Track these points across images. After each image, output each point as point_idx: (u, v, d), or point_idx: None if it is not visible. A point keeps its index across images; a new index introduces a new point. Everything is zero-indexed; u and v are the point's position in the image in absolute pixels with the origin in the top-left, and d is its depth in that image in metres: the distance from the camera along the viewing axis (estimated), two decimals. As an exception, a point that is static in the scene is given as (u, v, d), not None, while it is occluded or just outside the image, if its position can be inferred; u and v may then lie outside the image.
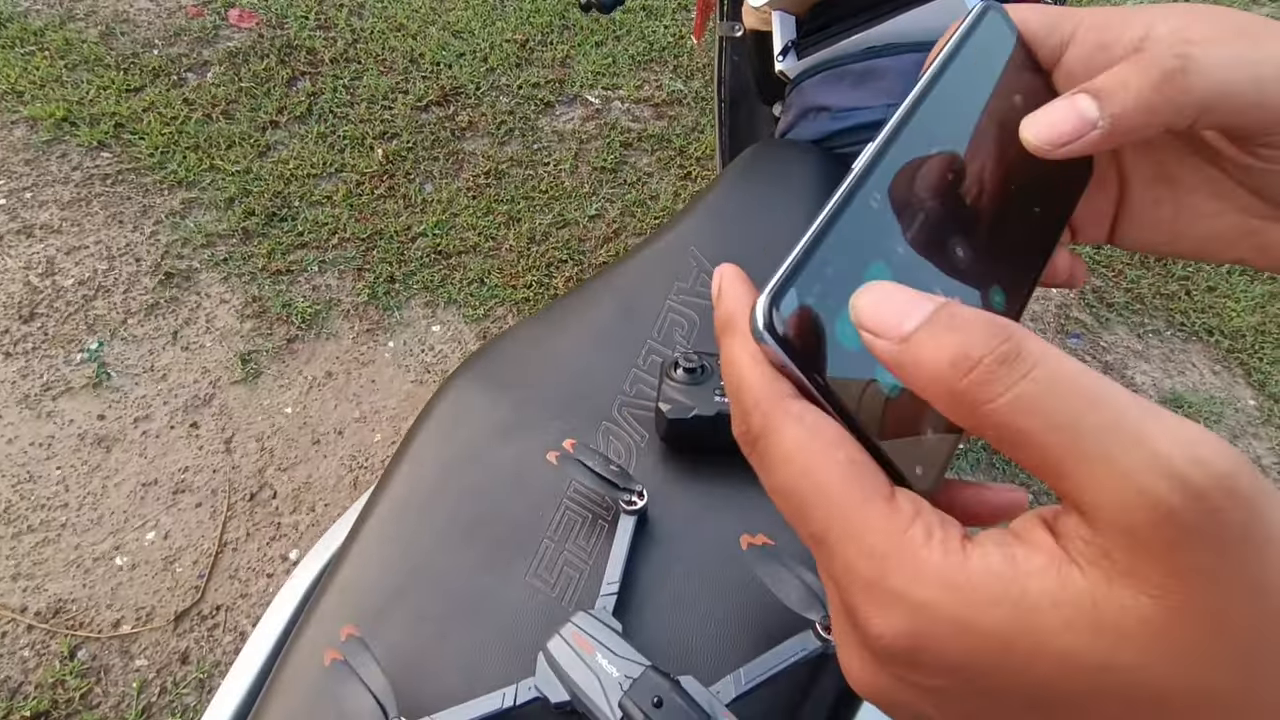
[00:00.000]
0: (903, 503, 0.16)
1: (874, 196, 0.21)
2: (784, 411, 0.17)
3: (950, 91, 0.23)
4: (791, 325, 0.18)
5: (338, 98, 1.82)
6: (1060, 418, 0.14)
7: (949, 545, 0.15)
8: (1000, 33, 0.24)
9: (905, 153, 0.22)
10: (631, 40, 2.09)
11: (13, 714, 1.05)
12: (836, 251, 0.19)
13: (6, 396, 1.32)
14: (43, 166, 1.61)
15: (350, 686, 0.37)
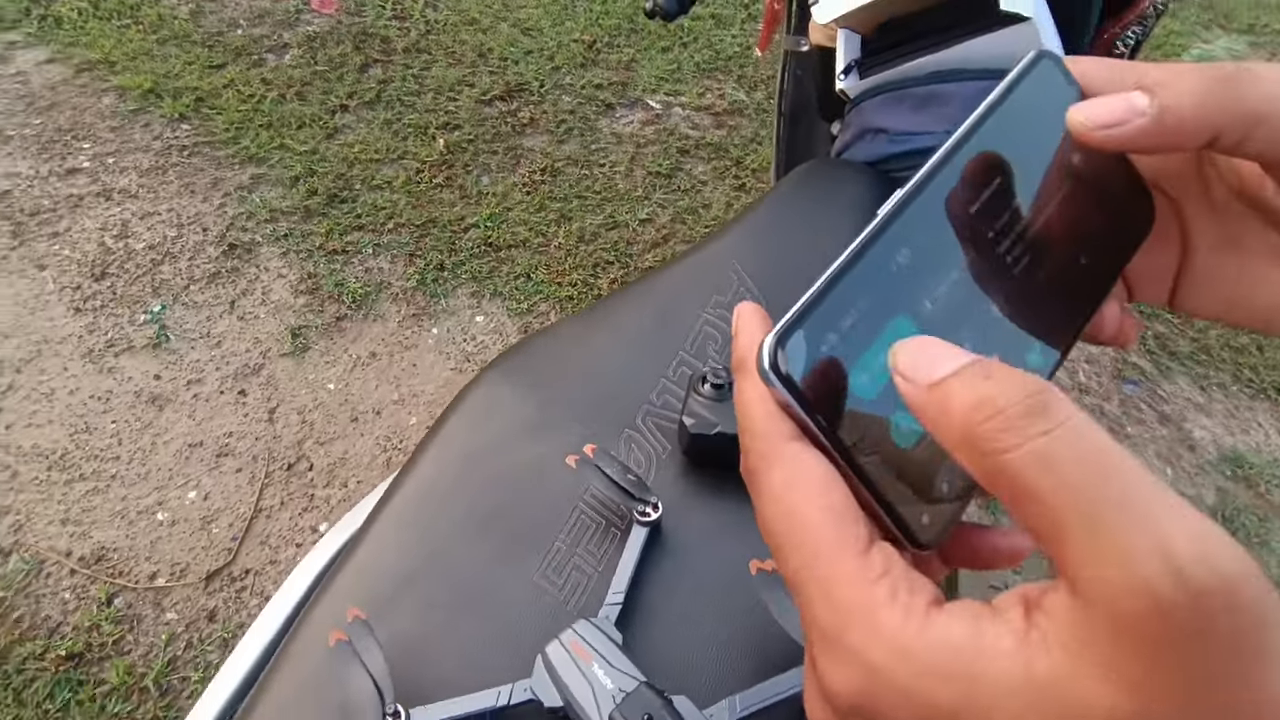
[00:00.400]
0: (875, 558, 0.16)
1: (903, 244, 0.20)
2: (779, 451, 0.18)
3: (996, 138, 0.22)
4: (798, 368, 0.18)
5: (406, 86, 1.86)
6: (1075, 481, 0.14)
7: (912, 609, 0.15)
8: (1055, 83, 0.23)
9: (940, 199, 0.21)
10: (698, 48, 2.09)
11: (50, 651, 1.11)
12: (856, 299, 0.19)
13: (73, 350, 1.39)
14: (127, 134, 1.70)
15: (352, 669, 0.37)
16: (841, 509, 0.17)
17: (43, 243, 1.51)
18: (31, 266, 1.48)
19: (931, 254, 0.21)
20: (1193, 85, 0.20)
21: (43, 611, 1.14)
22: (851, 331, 0.19)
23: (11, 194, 1.58)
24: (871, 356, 0.19)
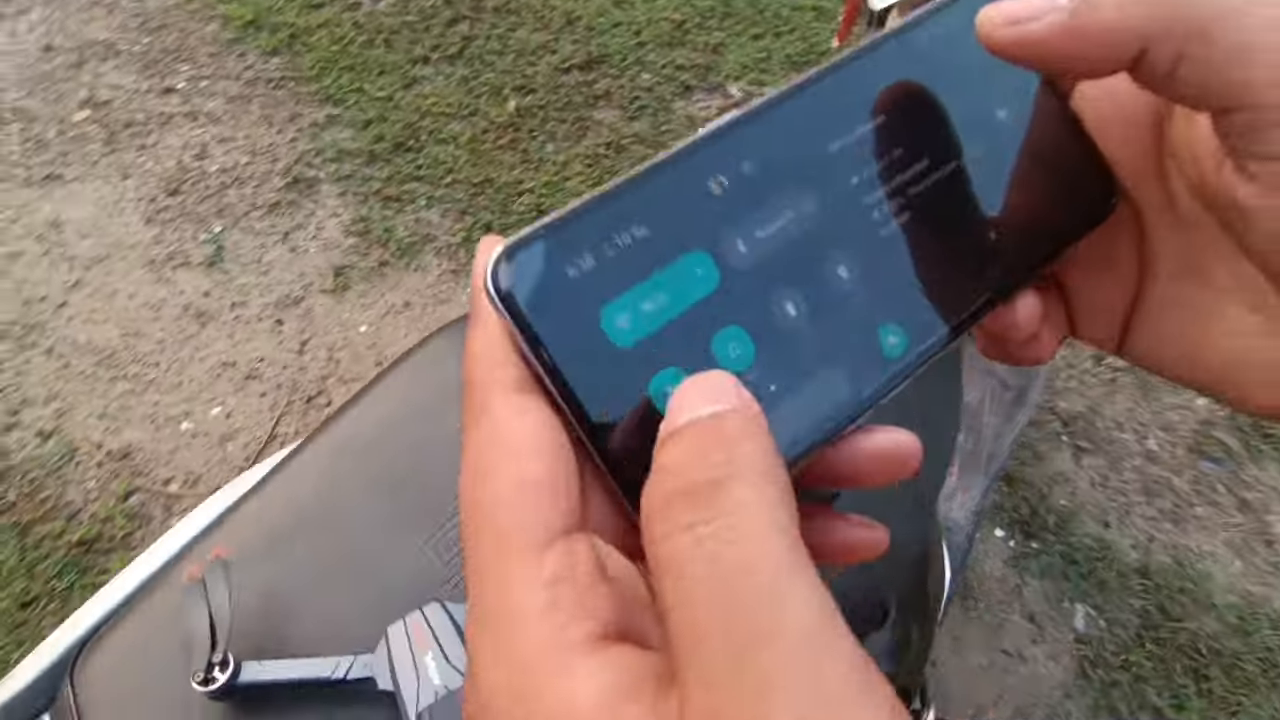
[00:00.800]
0: (555, 558, 0.13)
1: (725, 168, 0.16)
2: (491, 403, 0.15)
3: (896, 66, 0.18)
4: (526, 287, 0.15)
5: (489, 46, 1.87)
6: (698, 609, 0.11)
7: (563, 638, 0.12)
8: None
9: (796, 127, 0.17)
10: (793, 39, 2.01)
11: (66, 534, 1.18)
12: (634, 220, 0.16)
13: (138, 257, 1.46)
14: (222, 61, 1.77)
15: (196, 607, 0.36)
16: (538, 484, 0.14)
17: (130, 153, 1.60)
18: (117, 174, 1.57)
19: (763, 188, 0.17)
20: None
21: (67, 496, 1.22)
22: (617, 259, 0.15)
23: (112, 104, 1.68)
24: (639, 295, 0.15)
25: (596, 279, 0.15)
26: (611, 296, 0.15)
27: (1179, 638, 1.18)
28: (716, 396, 0.13)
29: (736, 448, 0.12)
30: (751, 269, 0.16)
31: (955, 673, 1.15)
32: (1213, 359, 0.19)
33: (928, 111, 0.18)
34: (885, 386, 0.17)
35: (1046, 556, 1.27)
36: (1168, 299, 0.19)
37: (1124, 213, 0.20)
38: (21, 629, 1.10)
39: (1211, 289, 0.19)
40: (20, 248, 1.45)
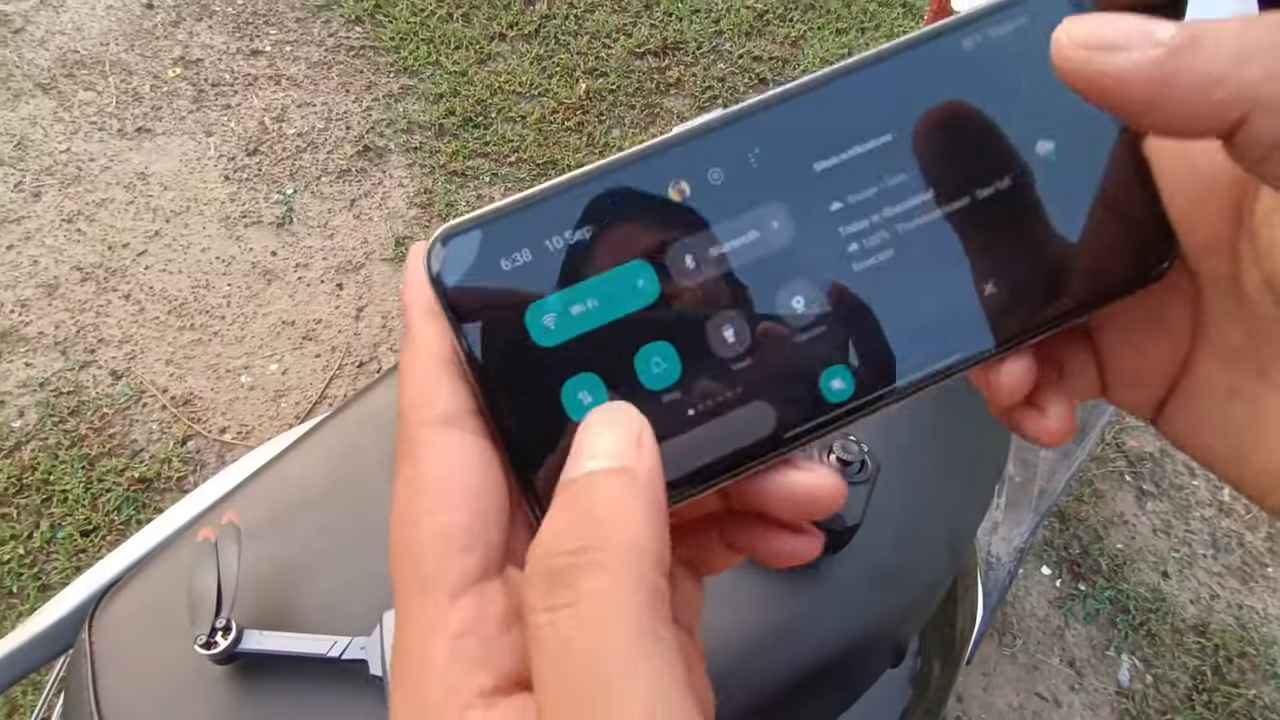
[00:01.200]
0: (463, 609, 0.14)
1: (687, 172, 0.15)
2: (416, 438, 0.15)
3: (941, 75, 0.16)
4: (456, 272, 0.15)
5: (566, 26, 1.86)
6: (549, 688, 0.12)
7: (461, 688, 0.13)
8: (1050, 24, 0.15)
9: (780, 135, 0.15)
10: (878, 35, 1.93)
11: (128, 470, 1.25)
12: (579, 218, 0.15)
13: (215, 213, 1.52)
14: (307, 27, 1.82)
15: (205, 569, 0.36)
16: (456, 532, 0.14)
17: (215, 112, 1.67)
18: (201, 131, 1.64)
19: (731, 200, 0.15)
20: (1238, 33, 0.12)
21: (132, 435, 1.28)
22: (555, 257, 0.15)
23: (203, 63, 1.75)
24: (570, 298, 0.15)
25: (528, 275, 0.15)
26: (540, 294, 0.15)
27: (1233, 704, 1.10)
28: (613, 449, 0.13)
29: (605, 529, 0.12)
30: (697, 286, 0.15)
31: (982, 711, 1.10)
32: (1262, 463, 0.16)
33: (940, 135, 0.16)
34: (816, 429, 0.16)
35: (1095, 601, 1.20)
36: (1218, 385, 0.17)
37: (1180, 279, 0.17)
38: (81, 555, 1.17)
39: (1270, 387, 0.16)
40: (110, 195, 1.53)
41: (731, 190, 0.15)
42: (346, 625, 0.38)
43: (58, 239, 1.46)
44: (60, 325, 1.36)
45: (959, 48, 0.16)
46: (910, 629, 0.50)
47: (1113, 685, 1.13)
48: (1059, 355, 0.18)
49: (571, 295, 0.15)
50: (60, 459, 1.23)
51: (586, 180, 0.15)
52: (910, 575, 0.47)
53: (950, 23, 0.16)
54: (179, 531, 0.45)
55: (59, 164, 1.55)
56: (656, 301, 0.15)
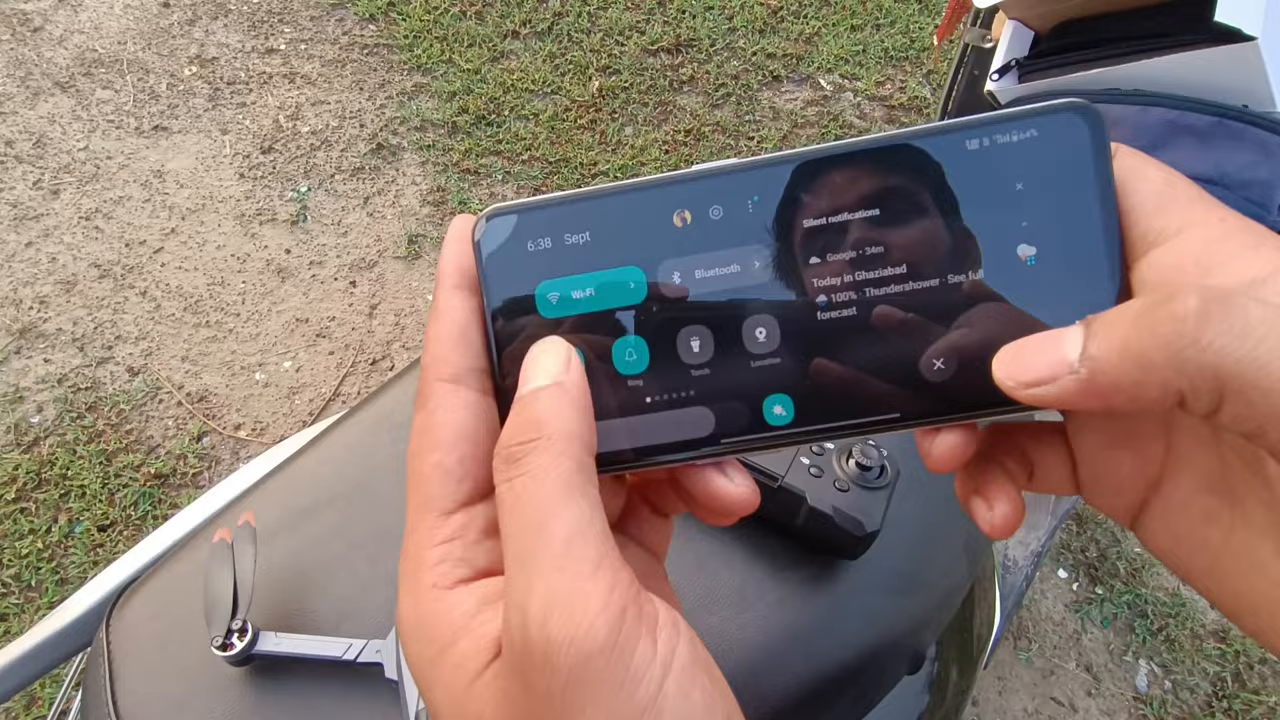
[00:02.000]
0: (451, 524, 0.18)
1: (692, 204, 0.18)
2: (429, 390, 0.18)
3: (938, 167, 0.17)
4: (491, 244, 0.18)
5: (579, 24, 1.86)
6: (512, 528, 0.16)
7: (441, 578, 0.17)
8: (1076, 151, 0.17)
9: (780, 188, 0.18)
10: (892, 32, 1.91)
11: (145, 466, 1.26)
12: (598, 224, 0.18)
13: (230, 210, 1.53)
14: (322, 25, 1.83)
15: (222, 570, 0.36)
16: (452, 466, 0.18)
17: (231, 110, 1.67)
18: (217, 129, 1.65)
19: (722, 237, 0.18)
20: (1131, 330, 0.14)
21: (148, 430, 1.30)
22: (569, 249, 0.18)
23: (218, 61, 1.76)
24: (573, 284, 0.18)
25: (546, 259, 0.18)
26: (551, 276, 0.18)
27: (1254, 711, 1.09)
28: (549, 370, 0.17)
29: (543, 425, 0.17)
30: (677, 299, 0.18)
31: (997, 715, 1.09)
32: (1234, 587, 0.16)
33: (925, 221, 0.17)
34: (751, 444, 0.19)
35: (1112, 605, 1.19)
36: (1193, 507, 0.17)
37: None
38: (99, 550, 1.18)
39: (1243, 516, 0.16)
40: (127, 192, 1.54)
41: (727, 227, 0.18)
42: (362, 627, 0.38)
43: (76, 236, 1.47)
44: (78, 322, 1.38)
45: (963, 146, 0.17)
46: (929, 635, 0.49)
47: (1130, 691, 1.12)
48: (1031, 452, 0.19)
49: (575, 282, 0.18)
50: (78, 454, 1.24)
51: (610, 194, 0.18)
52: (929, 581, 0.46)
53: (962, 122, 0.17)
54: (195, 531, 0.45)
55: (77, 162, 1.57)
56: (642, 303, 0.18)
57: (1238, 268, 0.15)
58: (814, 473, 0.40)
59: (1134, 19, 0.57)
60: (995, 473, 0.19)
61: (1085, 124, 0.17)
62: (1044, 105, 0.17)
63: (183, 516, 0.46)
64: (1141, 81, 0.55)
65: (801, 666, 0.39)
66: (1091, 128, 0.17)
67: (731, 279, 0.18)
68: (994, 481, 0.19)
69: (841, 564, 0.42)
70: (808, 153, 0.17)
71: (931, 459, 0.18)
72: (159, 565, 0.41)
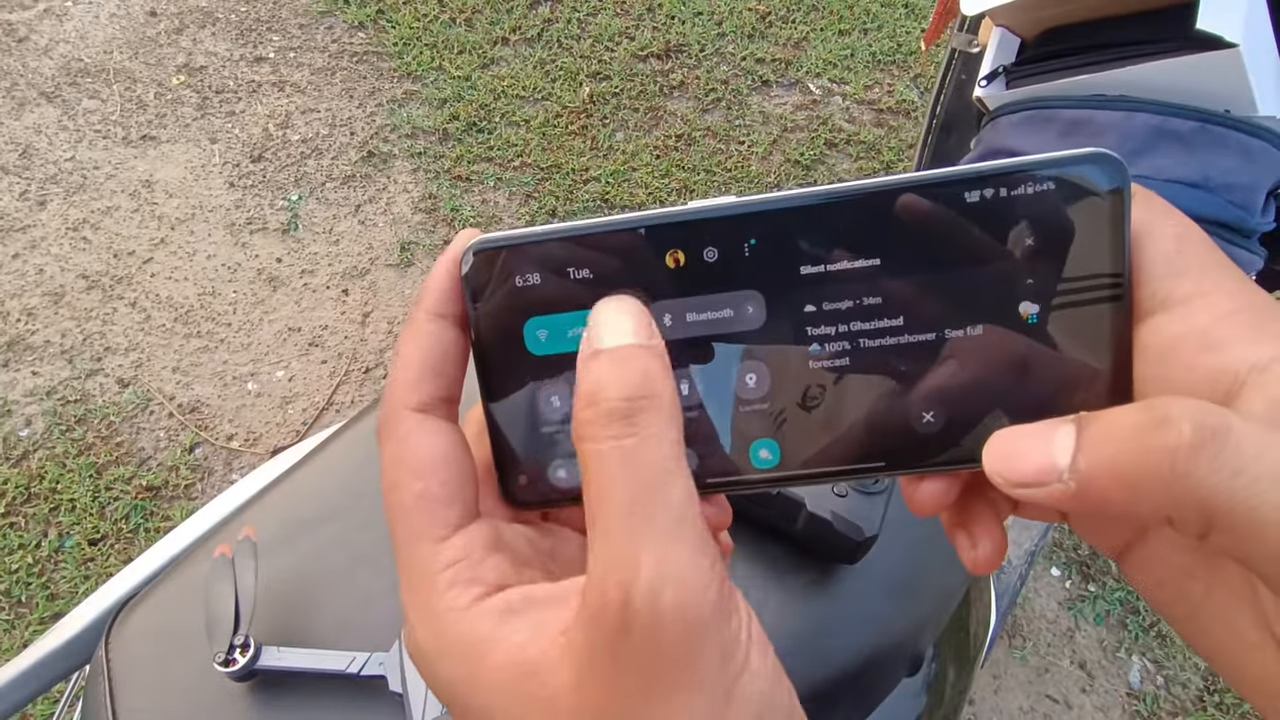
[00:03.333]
0: (451, 547, 0.17)
1: (687, 246, 0.17)
2: (397, 420, 0.18)
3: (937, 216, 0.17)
4: (478, 280, 0.18)
5: (568, 30, 1.86)
6: (616, 490, 0.15)
7: (458, 599, 0.17)
8: (1093, 207, 0.16)
9: (786, 232, 0.17)
10: (880, 36, 1.93)
11: (136, 479, 1.25)
12: (590, 260, 0.18)
13: (220, 219, 1.53)
14: (310, 33, 1.82)
15: (223, 585, 0.36)
16: (438, 492, 0.17)
17: (220, 119, 1.67)
18: (205, 138, 1.64)
19: (715, 280, 0.17)
20: (1119, 451, 0.14)
21: (139, 442, 1.29)
22: (558, 286, 0.18)
23: (207, 70, 1.75)
24: (563, 323, 0.18)
25: (534, 295, 0.18)
26: (539, 314, 0.18)
27: (1245, 705, 1.10)
28: (636, 329, 0.16)
29: (654, 386, 0.16)
30: (667, 342, 0.17)
31: (993, 713, 1.10)
32: (1211, 643, 0.17)
33: (925, 274, 0.17)
34: (736, 485, 0.19)
35: (1105, 602, 1.20)
36: (1174, 563, 0.17)
37: None
38: (90, 564, 1.17)
39: (1221, 580, 0.16)
40: (115, 203, 1.53)
41: (721, 270, 0.17)
42: (365, 640, 0.38)
43: (63, 247, 1.46)
44: (66, 334, 1.37)
45: (974, 195, 0.16)
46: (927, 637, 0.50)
47: (1124, 687, 1.13)
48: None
49: (565, 320, 0.18)
50: (68, 467, 1.23)
51: (602, 231, 0.17)
52: (926, 584, 0.47)
53: (975, 169, 0.16)
54: (193, 545, 0.45)
55: (64, 172, 1.56)
56: None
57: (1241, 350, 0.15)
58: (812, 479, 0.40)
59: (1119, 26, 0.58)
60: (981, 508, 0.19)
61: (1106, 178, 0.16)
62: (1066, 155, 0.16)
63: (181, 531, 0.46)
64: (1126, 88, 0.56)
65: (802, 670, 0.40)
66: (1112, 182, 0.16)
67: (723, 324, 0.18)
68: (979, 519, 0.19)
69: (840, 568, 0.42)
70: (808, 196, 0.17)
71: (914, 504, 0.18)
72: (158, 581, 0.41)
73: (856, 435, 0.18)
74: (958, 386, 0.17)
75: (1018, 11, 0.61)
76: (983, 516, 0.19)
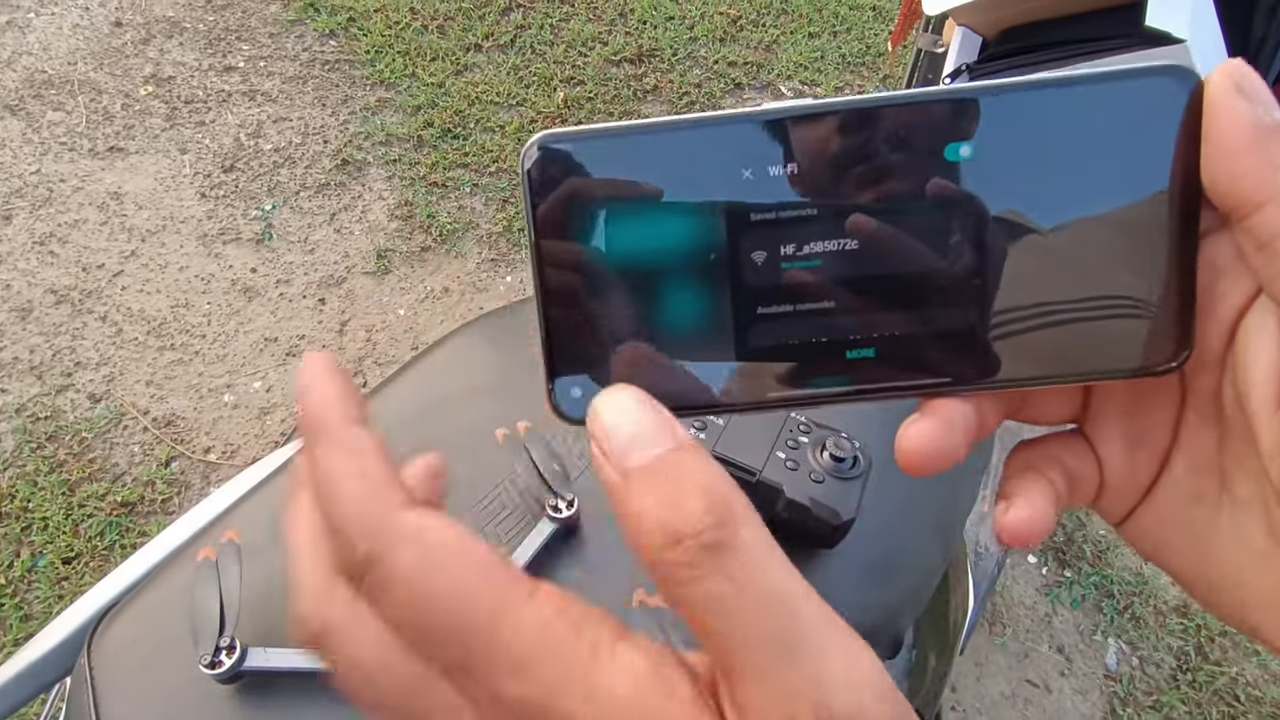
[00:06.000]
0: (545, 601, 0.14)
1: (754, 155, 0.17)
2: (396, 530, 0.14)
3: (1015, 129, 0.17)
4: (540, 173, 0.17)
5: (541, 35, 1.87)
6: (746, 626, 0.13)
7: (598, 643, 0.14)
8: (1166, 115, 0.16)
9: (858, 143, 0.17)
10: (849, 38, 1.96)
11: (110, 495, 1.23)
12: (656, 161, 0.17)
13: (192, 230, 1.51)
14: (281, 42, 1.81)
15: (207, 589, 0.36)
16: (492, 562, 0.14)
17: (189, 129, 1.65)
18: (175, 149, 1.62)
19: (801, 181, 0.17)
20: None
21: (113, 458, 1.26)
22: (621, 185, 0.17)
23: (175, 80, 1.73)
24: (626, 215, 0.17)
25: (599, 189, 0.17)
26: (610, 213, 0.17)
27: (1217, 682, 1.13)
28: (658, 429, 0.15)
29: (718, 492, 0.14)
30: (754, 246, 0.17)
31: (975, 700, 1.12)
32: (1215, 565, 0.18)
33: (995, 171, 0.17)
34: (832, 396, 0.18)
35: (1080, 587, 1.23)
36: (1185, 489, 0.18)
37: (1173, 385, 0.18)
38: (64, 583, 1.14)
39: (1229, 494, 0.17)
40: (82, 215, 1.51)
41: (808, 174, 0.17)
42: (350, 639, 0.38)
43: (30, 262, 1.43)
44: (35, 349, 1.34)
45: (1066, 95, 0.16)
46: (905, 620, 0.51)
47: (1101, 669, 1.15)
48: (1066, 459, 0.19)
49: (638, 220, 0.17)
50: (39, 485, 1.21)
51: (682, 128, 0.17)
52: (904, 567, 0.48)
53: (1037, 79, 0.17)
54: (175, 553, 0.45)
55: (29, 185, 1.53)
56: (715, 247, 0.17)
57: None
58: (790, 466, 0.41)
59: (1073, 24, 0.60)
60: (1033, 480, 0.18)
61: (1179, 87, 0.16)
62: (1140, 67, 0.16)
63: (161, 540, 0.46)
64: (1083, 83, 0.58)
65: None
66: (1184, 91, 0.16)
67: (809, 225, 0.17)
68: (1029, 488, 0.18)
69: (820, 553, 0.43)
70: (889, 99, 0.17)
71: (900, 448, 0.18)
72: (140, 588, 0.40)
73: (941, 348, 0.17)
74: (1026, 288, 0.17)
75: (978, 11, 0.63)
76: (1034, 485, 0.18)
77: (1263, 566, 0.17)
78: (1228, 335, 0.17)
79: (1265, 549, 0.17)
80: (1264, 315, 0.16)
